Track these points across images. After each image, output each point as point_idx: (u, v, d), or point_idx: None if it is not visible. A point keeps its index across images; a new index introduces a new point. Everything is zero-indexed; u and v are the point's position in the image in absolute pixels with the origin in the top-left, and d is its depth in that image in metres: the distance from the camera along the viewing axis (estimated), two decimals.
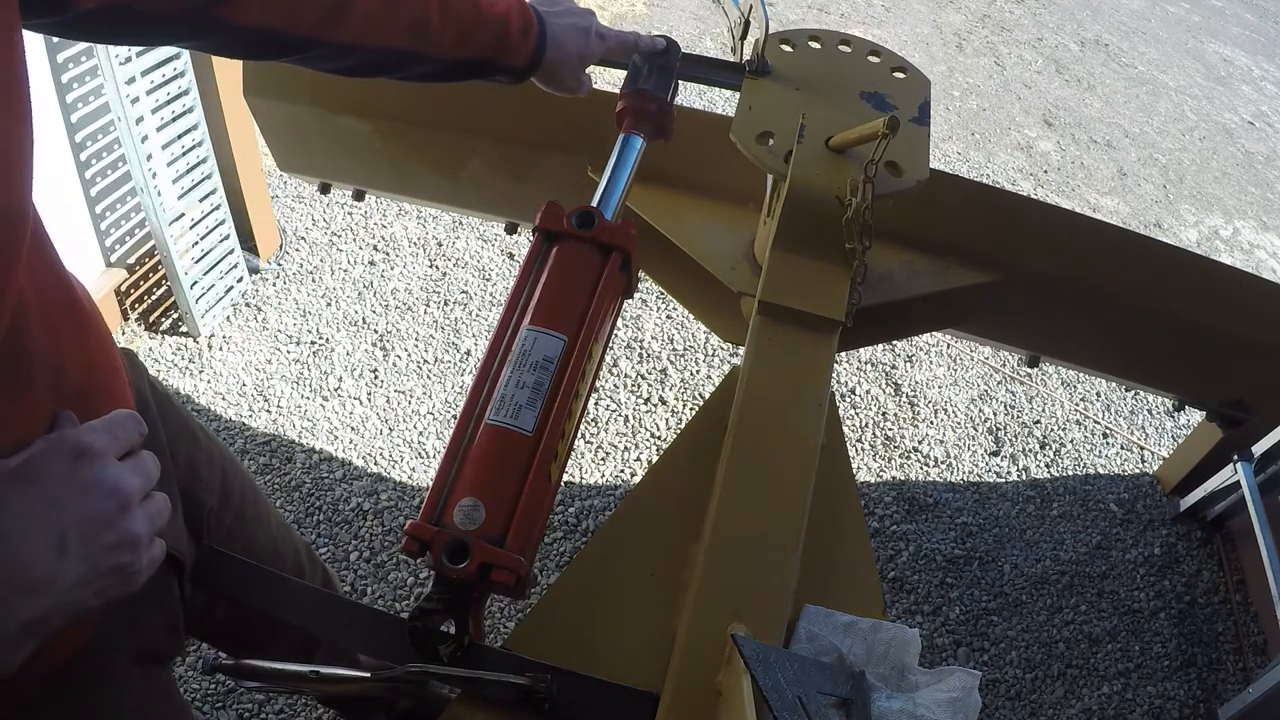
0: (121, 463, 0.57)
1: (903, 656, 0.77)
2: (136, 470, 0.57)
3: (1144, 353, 1.62)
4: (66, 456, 0.54)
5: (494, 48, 0.90)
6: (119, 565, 0.55)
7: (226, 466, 0.96)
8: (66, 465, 0.54)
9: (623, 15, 4.39)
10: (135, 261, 2.22)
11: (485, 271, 2.64)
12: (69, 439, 0.55)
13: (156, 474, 0.60)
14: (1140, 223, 3.57)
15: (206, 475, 0.91)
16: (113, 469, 0.55)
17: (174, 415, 0.89)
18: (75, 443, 0.55)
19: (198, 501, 0.88)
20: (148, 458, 0.60)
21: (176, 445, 0.86)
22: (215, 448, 0.96)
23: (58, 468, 0.54)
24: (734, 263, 1.32)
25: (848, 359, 2.57)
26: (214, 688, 1.67)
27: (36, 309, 0.58)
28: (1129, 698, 1.93)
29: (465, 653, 0.73)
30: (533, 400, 0.77)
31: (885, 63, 1.28)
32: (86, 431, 0.56)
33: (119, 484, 0.55)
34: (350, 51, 0.82)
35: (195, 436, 0.92)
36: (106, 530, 0.54)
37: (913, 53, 4.46)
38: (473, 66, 0.90)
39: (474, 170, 1.64)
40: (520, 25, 0.91)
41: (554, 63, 0.95)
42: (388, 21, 0.81)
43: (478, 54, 0.89)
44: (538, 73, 0.96)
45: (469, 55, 0.89)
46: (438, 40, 0.85)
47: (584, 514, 2.06)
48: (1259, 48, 5.66)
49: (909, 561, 2.10)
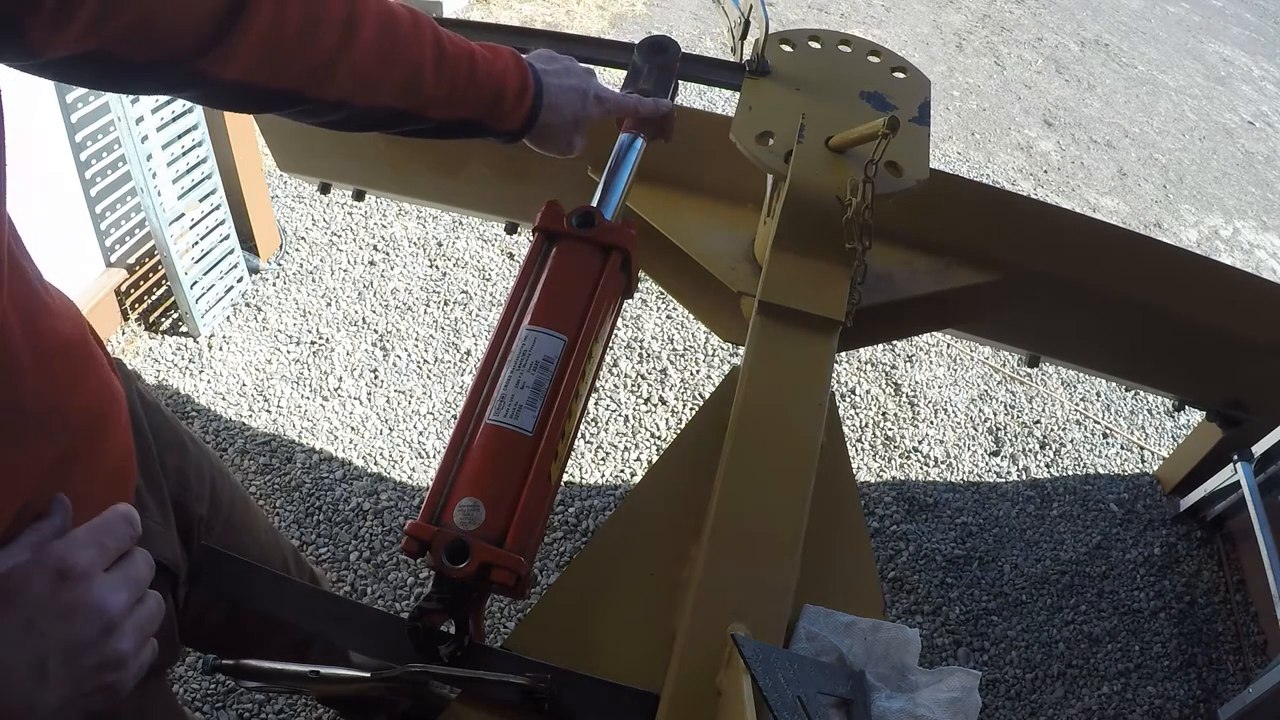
0: (109, 574, 0.54)
1: (903, 656, 0.77)
2: (125, 582, 0.55)
3: (1144, 353, 1.62)
4: (48, 577, 0.52)
5: (487, 110, 0.85)
6: (103, 685, 0.53)
7: (215, 475, 0.95)
8: (48, 586, 0.51)
9: (623, 15, 4.39)
10: (135, 261, 2.22)
11: (485, 271, 2.64)
12: (51, 558, 0.52)
13: (149, 575, 0.58)
14: (1140, 223, 3.57)
15: (195, 485, 0.90)
16: (98, 589, 0.53)
17: (163, 426, 0.88)
18: (58, 562, 0.52)
19: (187, 511, 0.87)
20: (140, 560, 0.57)
21: (166, 455, 0.86)
22: (204, 456, 0.95)
23: (38, 589, 0.51)
24: (734, 263, 1.32)
25: (848, 359, 2.57)
26: (214, 688, 1.67)
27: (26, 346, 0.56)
28: (1129, 698, 1.93)
29: (465, 653, 0.73)
30: (533, 400, 0.77)
31: (885, 63, 1.28)
32: (72, 548, 0.53)
33: (104, 605, 0.53)
34: (338, 108, 0.77)
35: (184, 446, 0.91)
36: (90, 653, 0.52)
37: (913, 53, 4.46)
38: (464, 126, 0.86)
39: (474, 170, 1.64)
40: (516, 87, 0.86)
41: (548, 126, 0.91)
42: (379, 79, 0.77)
43: (470, 115, 0.85)
44: (530, 135, 0.91)
45: (461, 115, 0.84)
46: (430, 100, 0.81)
47: (584, 514, 2.06)
48: (1259, 48, 5.65)
49: (909, 561, 2.09)
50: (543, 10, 4.31)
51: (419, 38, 0.78)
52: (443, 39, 0.80)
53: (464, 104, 0.83)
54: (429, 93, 0.80)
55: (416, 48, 0.78)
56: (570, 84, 0.92)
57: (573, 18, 4.28)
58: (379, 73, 0.76)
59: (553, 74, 0.90)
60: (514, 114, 0.87)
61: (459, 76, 0.81)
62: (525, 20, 4.21)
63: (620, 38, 3.36)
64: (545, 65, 0.91)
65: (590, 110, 0.94)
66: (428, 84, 0.79)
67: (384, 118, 0.80)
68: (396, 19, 0.76)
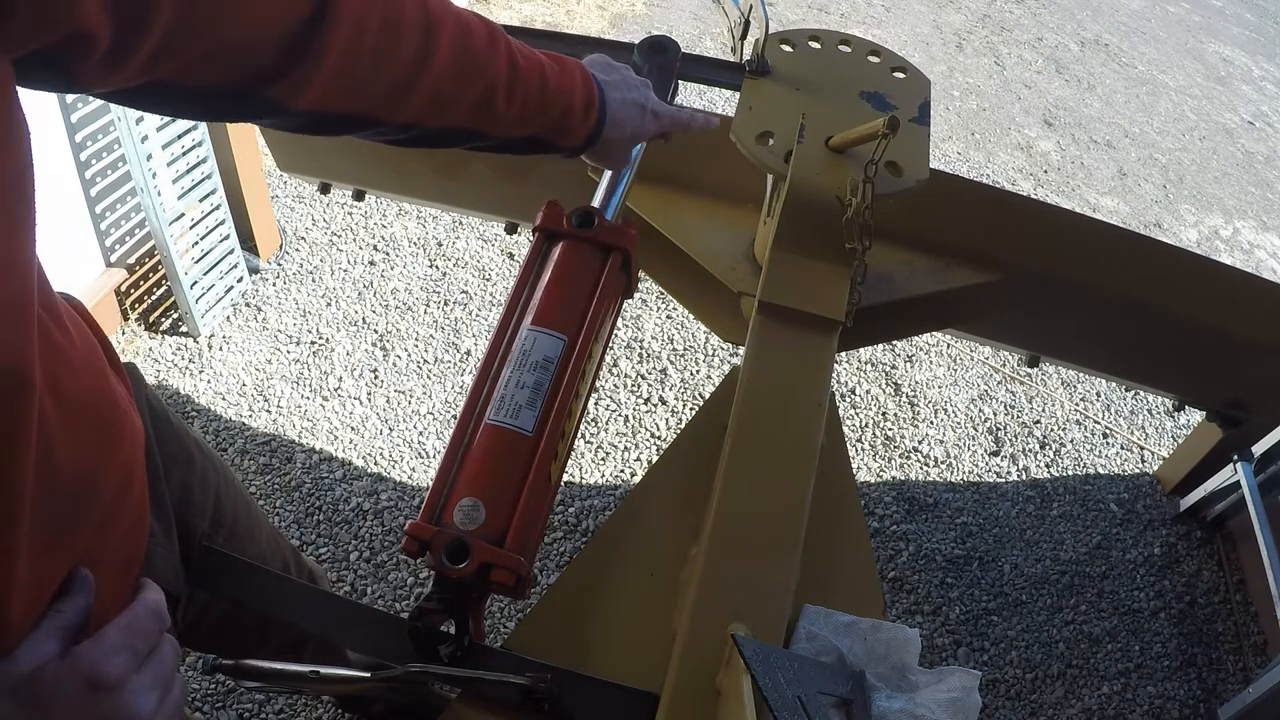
0: (139, 675, 0.54)
1: (903, 656, 0.77)
2: (155, 681, 0.54)
3: (1144, 353, 1.62)
4: (80, 684, 0.51)
5: (555, 126, 0.82)
6: None
7: (220, 485, 0.94)
8: (80, 696, 0.51)
9: (623, 15, 4.39)
10: (135, 261, 2.22)
11: (485, 271, 2.64)
12: (84, 666, 0.51)
13: (177, 663, 0.57)
14: (1140, 223, 3.57)
15: (199, 499, 0.89)
16: (130, 698, 0.52)
17: (170, 438, 0.86)
18: (89, 671, 0.51)
19: (189, 526, 0.86)
20: (168, 653, 0.57)
21: (171, 471, 0.84)
22: (210, 465, 0.93)
23: (70, 697, 0.50)
24: (734, 263, 1.33)
25: (848, 359, 2.57)
26: (214, 688, 1.67)
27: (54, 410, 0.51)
28: (1129, 698, 1.93)
29: (465, 653, 0.73)
30: (533, 400, 0.77)
31: (885, 63, 1.28)
32: (104, 655, 0.52)
33: (137, 713, 0.52)
34: (408, 129, 0.74)
35: (190, 457, 0.89)
36: None
37: (913, 53, 4.46)
38: (528, 144, 0.83)
39: (474, 170, 1.64)
40: (583, 103, 0.83)
41: (608, 142, 0.87)
42: (453, 101, 0.73)
43: (536, 132, 0.81)
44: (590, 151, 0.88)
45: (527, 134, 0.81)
46: (500, 118, 0.77)
47: (584, 514, 2.06)
48: (1259, 48, 5.65)
49: (909, 561, 2.09)
50: (543, 10, 4.31)
51: (493, 52, 0.74)
52: (515, 53, 0.77)
53: (532, 122, 0.80)
54: (500, 111, 0.76)
55: (491, 64, 0.74)
56: (631, 98, 0.89)
57: (573, 18, 4.28)
58: (454, 93, 0.73)
59: (613, 86, 0.87)
60: (579, 131, 0.84)
61: (530, 94, 0.78)
62: (525, 20, 4.21)
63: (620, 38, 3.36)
64: (605, 75, 0.88)
65: (648, 126, 0.91)
66: (499, 103, 0.76)
67: (450, 137, 0.77)
68: (471, 32, 0.73)
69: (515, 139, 0.81)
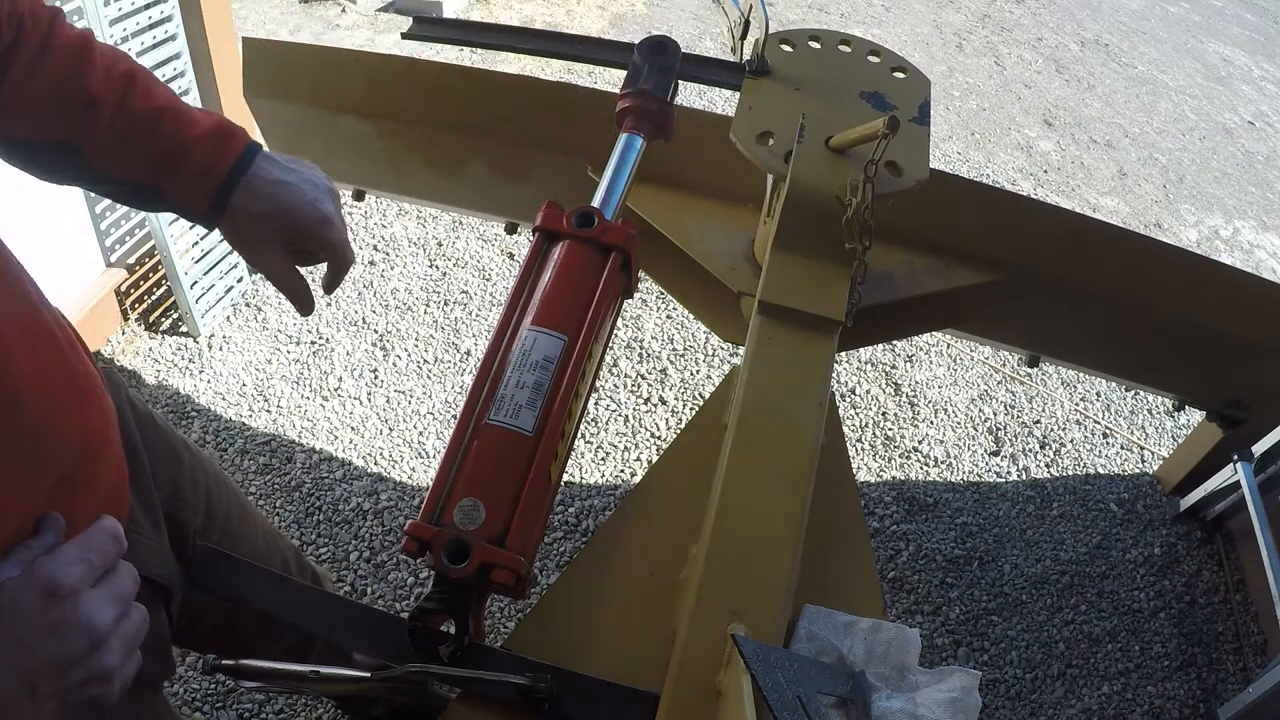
0: (96, 591, 0.56)
1: (903, 656, 0.77)
2: (112, 597, 0.56)
3: (1144, 353, 1.62)
4: (37, 595, 0.53)
5: (167, 162, 0.73)
6: (91, 698, 0.55)
7: (211, 484, 0.95)
8: (37, 605, 0.53)
9: (623, 15, 4.39)
10: (135, 261, 2.22)
11: (485, 271, 2.64)
12: (41, 576, 0.54)
13: (134, 589, 0.59)
14: (1140, 223, 3.57)
15: (190, 496, 0.90)
16: (85, 605, 0.54)
17: (156, 437, 0.88)
18: (46, 580, 0.53)
19: (181, 523, 0.87)
20: (125, 575, 0.59)
21: (159, 468, 0.85)
22: (199, 464, 0.94)
23: (27, 607, 0.52)
24: (734, 263, 1.32)
25: (848, 359, 2.57)
26: (214, 688, 1.67)
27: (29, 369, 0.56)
28: (1129, 698, 1.93)
29: (465, 653, 0.73)
30: (533, 400, 0.77)
31: (885, 63, 1.28)
32: (60, 565, 0.54)
33: (91, 622, 0.54)
34: None
35: (178, 455, 0.91)
36: (78, 669, 0.54)
37: (913, 53, 4.46)
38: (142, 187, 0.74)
39: (474, 170, 1.64)
40: (208, 147, 0.73)
41: (243, 214, 0.75)
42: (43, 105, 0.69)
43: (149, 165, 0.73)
44: (222, 221, 0.76)
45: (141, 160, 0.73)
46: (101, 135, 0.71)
47: (584, 514, 2.06)
48: (1259, 48, 5.66)
49: (909, 561, 2.09)
50: (543, 10, 4.31)
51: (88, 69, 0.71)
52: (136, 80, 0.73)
53: (139, 147, 0.73)
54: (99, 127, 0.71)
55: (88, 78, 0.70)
56: (293, 182, 0.77)
57: (573, 18, 4.28)
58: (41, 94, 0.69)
59: (275, 162, 0.77)
60: (200, 181, 0.74)
61: (139, 116, 0.72)
62: (525, 20, 4.21)
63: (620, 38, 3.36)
64: (285, 160, 0.79)
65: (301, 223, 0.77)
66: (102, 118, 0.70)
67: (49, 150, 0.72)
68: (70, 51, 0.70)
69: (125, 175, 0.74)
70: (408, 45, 1.56)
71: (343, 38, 3.80)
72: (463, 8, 4.12)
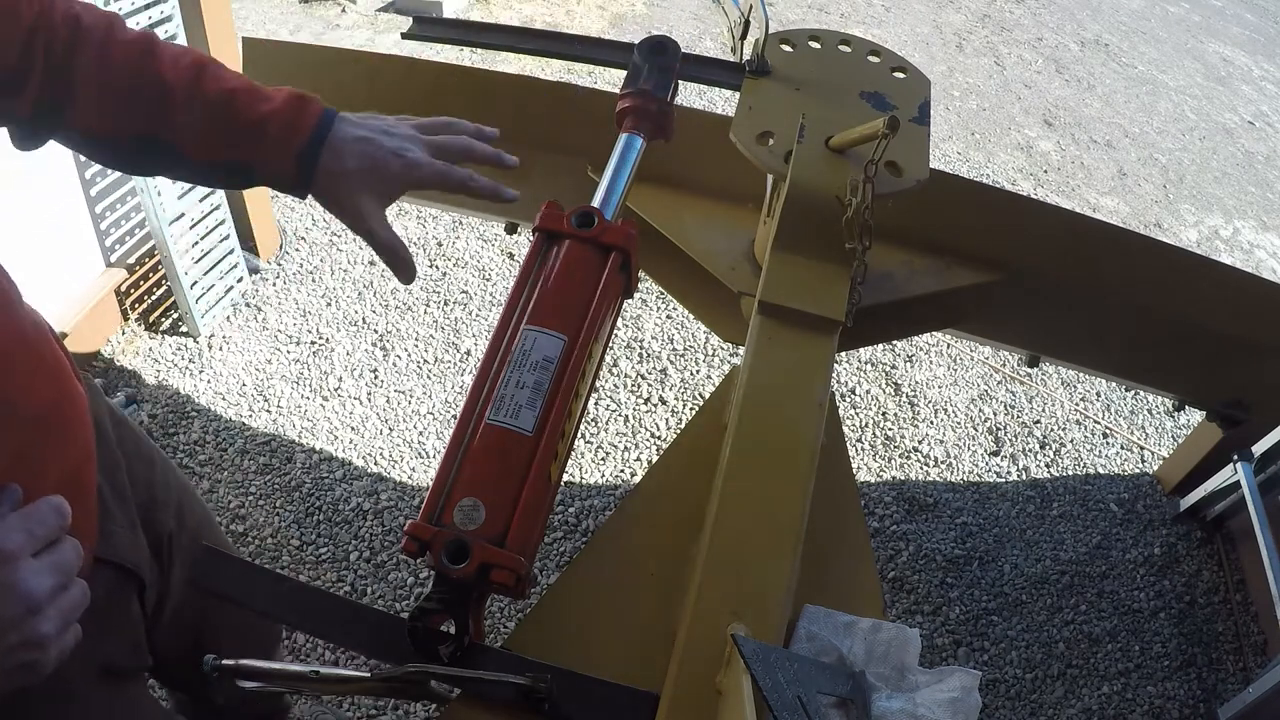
0: (37, 559, 0.57)
1: (903, 656, 0.77)
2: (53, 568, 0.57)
3: (1144, 353, 1.62)
4: None
5: (250, 137, 0.76)
6: (24, 663, 0.56)
7: (182, 494, 0.99)
8: None
9: (623, 15, 4.40)
10: (135, 261, 2.22)
11: (485, 271, 2.64)
12: None
13: (77, 563, 0.60)
14: (1140, 223, 3.57)
15: (163, 498, 0.94)
16: (24, 571, 0.55)
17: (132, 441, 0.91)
18: None
19: (156, 523, 0.91)
20: (68, 548, 0.59)
21: (135, 466, 0.88)
22: (171, 472, 0.99)
23: None
24: (734, 263, 1.32)
25: (848, 359, 2.57)
26: None
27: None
28: (1129, 698, 1.93)
29: (465, 653, 0.73)
30: (533, 400, 0.77)
31: (885, 63, 1.28)
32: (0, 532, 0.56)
33: (28, 588, 0.55)
34: None
35: (152, 458, 0.95)
36: (11, 633, 0.55)
37: (913, 53, 4.46)
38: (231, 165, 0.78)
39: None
40: (286, 117, 0.77)
41: (331, 175, 0.78)
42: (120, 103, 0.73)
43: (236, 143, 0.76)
44: (314, 184, 0.79)
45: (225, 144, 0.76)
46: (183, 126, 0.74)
47: (584, 514, 2.06)
48: (1259, 48, 5.66)
49: (909, 561, 2.09)
50: (543, 10, 4.31)
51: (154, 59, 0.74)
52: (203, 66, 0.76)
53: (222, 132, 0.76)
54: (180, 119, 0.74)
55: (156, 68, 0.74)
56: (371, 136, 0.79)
57: (573, 18, 4.28)
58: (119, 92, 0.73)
59: (351, 122, 0.80)
60: (283, 146, 0.77)
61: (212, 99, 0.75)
62: (525, 20, 4.21)
63: (620, 38, 3.36)
64: (358, 118, 0.81)
65: (393, 170, 0.80)
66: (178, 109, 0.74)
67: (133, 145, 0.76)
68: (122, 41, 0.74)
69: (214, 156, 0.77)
70: (408, 45, 1.56)
71: (343, 38, 3.80)
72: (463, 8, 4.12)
